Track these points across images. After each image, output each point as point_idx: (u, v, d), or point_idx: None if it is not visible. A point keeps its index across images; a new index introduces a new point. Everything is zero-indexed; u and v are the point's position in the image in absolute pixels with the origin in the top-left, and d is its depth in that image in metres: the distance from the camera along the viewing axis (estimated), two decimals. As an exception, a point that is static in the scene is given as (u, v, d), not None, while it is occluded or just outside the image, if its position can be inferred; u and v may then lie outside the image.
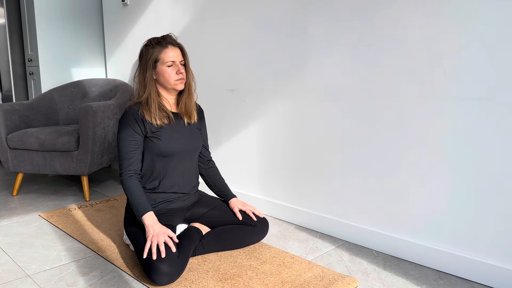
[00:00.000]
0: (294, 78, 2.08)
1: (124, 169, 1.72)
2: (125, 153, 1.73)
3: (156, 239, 1.55)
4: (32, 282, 1.58)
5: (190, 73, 1.81)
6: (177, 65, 1.74)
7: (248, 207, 1.89)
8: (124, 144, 1.73)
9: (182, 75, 1.75)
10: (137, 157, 1.75)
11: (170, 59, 1.72)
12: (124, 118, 1.75)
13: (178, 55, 1.75)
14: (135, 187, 1.70)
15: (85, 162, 2.51)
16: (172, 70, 1.73)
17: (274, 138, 2.22)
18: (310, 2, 1.96)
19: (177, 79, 1.74)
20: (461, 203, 1.59)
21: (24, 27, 3.26)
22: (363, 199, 1.89)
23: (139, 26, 3.01)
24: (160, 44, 1.73)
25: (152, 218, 1.64)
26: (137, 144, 1.74)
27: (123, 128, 1.74)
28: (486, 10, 1.45)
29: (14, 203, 2.54)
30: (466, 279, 1.60)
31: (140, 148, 1.75)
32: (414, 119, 1.68)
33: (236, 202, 1.91)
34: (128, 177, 1.71)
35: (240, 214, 1.86)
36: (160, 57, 1.72)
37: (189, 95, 1.82)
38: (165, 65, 1.72)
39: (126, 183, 1.70)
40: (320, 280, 1.56)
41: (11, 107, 2.71)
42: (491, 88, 1.47)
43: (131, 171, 1.72)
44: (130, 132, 1.72)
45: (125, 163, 1.72)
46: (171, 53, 1.73)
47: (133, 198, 1.68)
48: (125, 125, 1.73)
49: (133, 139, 1.73)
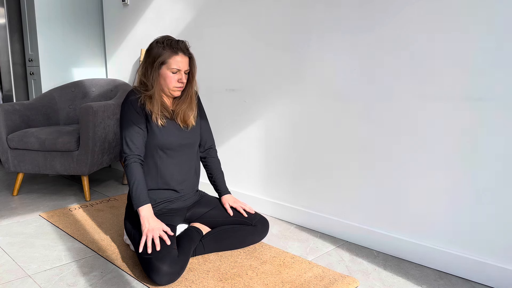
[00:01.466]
0: (295, 78, 2.08)
1: (129, 153, 1.70)
2: (131, 135, 1.70)
3: (151, 234, 1.56)
4: (33, 282, 1.58)
5: (194, 84, 1.81)
6: (181, 73, 1.74)
7: (239, 203, 1.89)
8: (129, 126, 1.71)
9: (182, 85, 1.75)
10: (142, 141, 1.73)
11: (176, 67, 1.71)
12: (127, 101, 1.74)
13: (185, 64, 1.74)
14: (140, 174, 1.69)
15: (85, 162, 2.51)
16: (174, 77, 1.72)
17: (274, 138, 2.22)
18: (310, 2, 1.96)
19: (175, 86, 1.74)
20: (461, 203, 1.59)
21: (24, 27, 3.26)
22: (363, 199, 1.89)
23: (140, 26, 3.01)
24: (171, 48, 1.70)
25: (149, 211, 1.65)
26: (141, 127, 1.73)
27: (128, 110, 1.72)
28: (486, 10, 1.45)
29: (14, 203, 2.54)
30: (467, 279, 1.60)
31: (144, 133, 1.74)
32: (414, 119, 1.67)
33: (228, 198, 1.91)
34: (133, 162, 1.69)
35: (231, 210, 1.86)
36: (167, 61, 1.70)
37: (190, 105, 1.81)
38: (170, 70, 1.71)
39: (131, 167, 1.68)
40: (321, 280, 1.56)
41: (11, 107, 2.71)
42: (491, 88, 1.47)
43: (136, 156, 1.70)
44: (135, 115, 1.72)
45: (131, 146, 1.70)
46: (179, 60, 1.71)
47: (135, 185, 1.67)
48: (129, 107, 1.72)
49: (138, 121, 1.72)
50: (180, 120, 1.80)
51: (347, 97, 1.88)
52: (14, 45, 3.44)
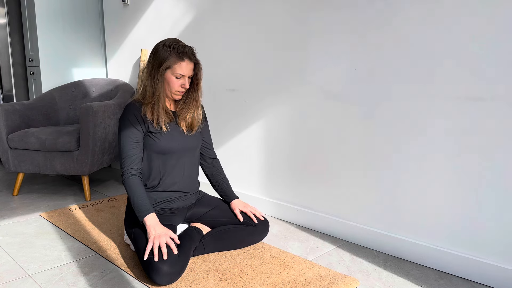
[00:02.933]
0: (295, 78, 2.08)
1: (126, 168, 1.72)
2: (127, 151, 1.72)
3: (158, 241, 1.54)
4: (33, 282, 1.58)
5: (200, 89, 1.80)
6: (185, 79, 1.73)
7: (249, 208, 1.89)
8: (125, 142, 1.72)
9: (184, 90, 1.75)
10: (139, 155, 1.75)
11: (181, 72, 1.71)
12: (125, 115, 1.75)
13: (190, 70, 1.73)
14: (137, 187, 1.69)
15: (85, 162, 2.52)
16: (178, 82, 1.72)
17: (274, 138, 2.22)
18: (310, 2, 1.96)
19: (177, 90, 1.74)
20: (461, 203, 1.59)
21: (24, 27, 3.26)
22: (363, 199, 1.89)
23: (140, 26, 3.01)
24: (177, 54, 1.69)
25: (154, 219, 1.64)
26: (138, 141, 1.74)
27: (124, 126, 1.73)
28: (486, 10, 1.45)
29: (14, 203, 2.54)
30: (467, 279, 1.60)
31: (141, 146, 1.75)
32: (414, 119, 1.68)
33: (238, 203, 1.91)
34: (130, 176, 1.70)
35: (241, 215, 1.86)
36: (172, 66, 1.70)
37: (196, 109, 1.81)
38: (174, 75, 1.71)
39: (128, 182, 1.70)
40: (321, 280, 1.56)
41: (12, 107, 2.71)
42: (491, 88, 1.47)
43: (133, 170, 1.72)
44: (131, 129, 1.72)
45: (127, 161, 1.72)
46: (184, 67, 1.71)
47: (135, 198, 1.67)
48: (126, 122, 1.73)
49: (134, 136, 1.73)
50: (184, 124, 1.80)
51: (347, 97, 1.88)
52: (14, 45, 3.44)
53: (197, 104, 1.82)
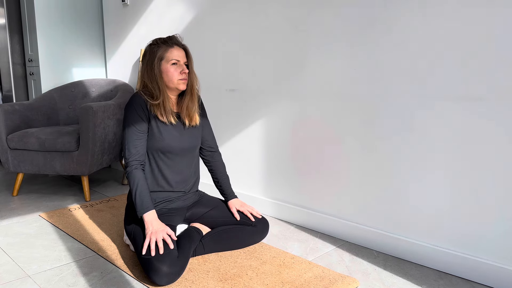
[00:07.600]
0: (295, 78, 2.08)
1: (130, 159, 1.70)
2: (133, 141, 1.71)
3: (154, 236, 1.56)
4: (33, 282, 1.58)
5: (193, 76, 1.81)
6: (181, 65, 1.75)
7: (246, 207, 1.89)
8: (130, 131, 1.72)
9: (185, 75, 1.76)
10: (143, 146, 1.74)
11: (175, 58, 1.73)
12: (130, 104, 1.74)
13: (182, 56, 1.76)
14: (141, 181, 1.69)
15: (85, 162, 2.51)
16: (176, 69, 1.74)
17: (274, 138, 2.22)
18: (310, 2, 1.96)
19: (180, 78, 1.74)
20: (461, 203, 1.59)
21: (24, 27, 3.26)
22: (363, 199, 1.89)
23: (139, 26, 3.01)
24: (166, 43, 1.74)
25: (153, 215, 1.65)
26: (143, 131, 1.73)
27: (131, 115, 1.73)
28: (486, 10, 1.45)
29: (14, 203, 2.54)
30: (467, 279, 1.60)
31: (145, 137, 1.75)
32: (414, 119, 1.67)
33: (235, 202, 1.91)
34: (134, 168, 1.70)
35: (238, 214, 1.86)
36: (165, 55, 1.73)
37: (191, 98, 1.81)
38: (169, 63, 1.73)
39: (132, 175, 1.69)
40: (321, 280, 1.56)
41: (11, 107, 2.71)
42: (491, 88, 1.47)
43: (137, 161, 1.71)
44: (137, 119, 1.72)
45: (132, 151, 1.71)
46: (176, 52, 1.74)
47: (137, 192, 1.67)
48: (132, 112, 1.73)
49: (140, 126, 1.72)
50: (185, 116, 1.80)
51: (347, 97, 1.88)
52: (14, 45, 3.44)
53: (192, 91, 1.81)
